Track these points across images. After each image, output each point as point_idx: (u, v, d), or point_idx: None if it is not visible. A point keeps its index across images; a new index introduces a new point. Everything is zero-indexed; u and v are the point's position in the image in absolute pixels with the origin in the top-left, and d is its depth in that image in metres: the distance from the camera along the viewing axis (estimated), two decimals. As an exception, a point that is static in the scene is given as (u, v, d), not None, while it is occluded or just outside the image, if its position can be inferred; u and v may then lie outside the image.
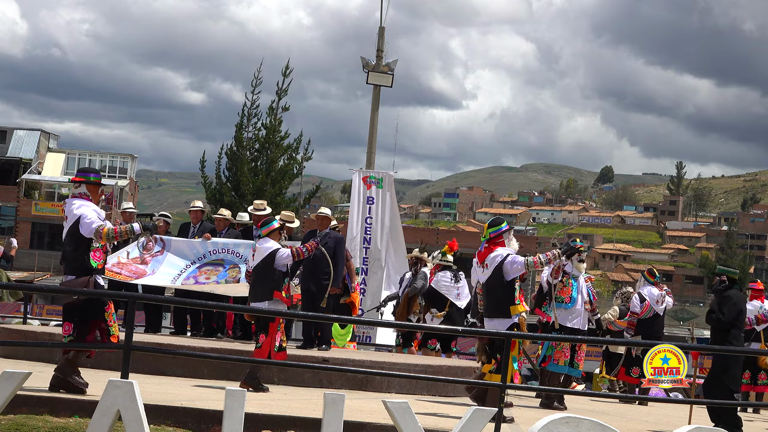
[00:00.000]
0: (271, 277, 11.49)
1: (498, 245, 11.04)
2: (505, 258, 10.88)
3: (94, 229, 9.79)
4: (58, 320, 23.74)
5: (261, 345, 11.31)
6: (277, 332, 11.34)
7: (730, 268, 12.26)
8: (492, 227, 11.18)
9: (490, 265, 10.92)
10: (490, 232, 11.13)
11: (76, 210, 9.91)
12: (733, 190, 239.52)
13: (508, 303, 10.93)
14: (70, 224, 9.92)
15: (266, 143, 37.25)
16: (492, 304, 11.01)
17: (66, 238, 10.01)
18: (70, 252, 9.99)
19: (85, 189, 10.09)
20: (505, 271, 10.88)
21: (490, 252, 10.99)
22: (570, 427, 7.38)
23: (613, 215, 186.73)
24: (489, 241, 11.09)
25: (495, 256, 10.93)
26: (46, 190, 70.81)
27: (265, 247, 11.59)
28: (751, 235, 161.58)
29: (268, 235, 11.68)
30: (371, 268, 18.98)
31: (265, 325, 11.33)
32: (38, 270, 57.90)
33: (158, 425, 8.84)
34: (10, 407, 8.12)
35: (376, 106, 22.79)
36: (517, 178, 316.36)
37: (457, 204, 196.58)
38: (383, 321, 17.30)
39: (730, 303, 11.76)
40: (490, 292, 11.01)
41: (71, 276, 9.98)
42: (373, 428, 9.19)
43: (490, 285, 10.98)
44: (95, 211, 9.93)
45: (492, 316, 10.99)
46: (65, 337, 10.05)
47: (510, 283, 10.93)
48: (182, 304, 14.55)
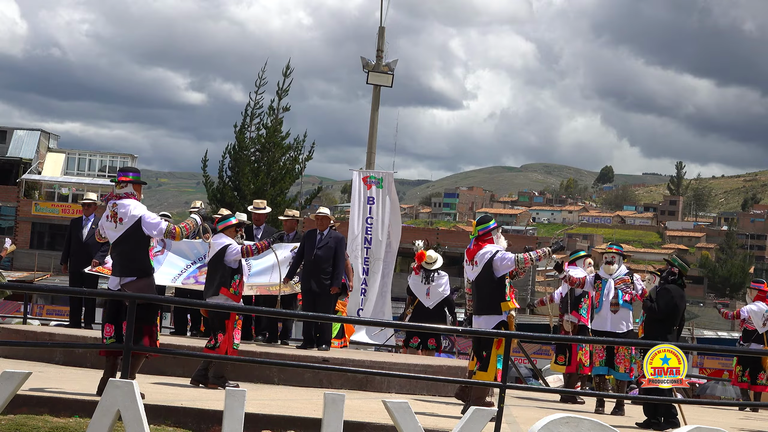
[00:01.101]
0: (221, 272, 11.48)
1: (486, 242, 11.10)
2: (495, 254, 10.94)
3: (164, 229, 9.80)
4: (58, 320, 23.79)
5: (219, 344, 11.28)
6: (234, 329, 11.35)
7: (684, 262, 12.29)
8: (480, 225, 11.24)
9: (480, 262, 10.97)
10: (478, 230, 11.20)
11: (134, 211, 9.87)
12: (733, 190, 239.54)
13: (498, 300, 10.96)
14: (129, 225, 9.83)
15: (267, 143, 37.25)
16: (481, 301, 11.04)
17: (122, 239, 9.89)
18: (129, 253, 9.90)
19: (131, 188, 10.06)
20: (495, 267, 10.93)
21: (479, 249, 11.05)
22: (570, 427, 7.38)
23: (613, 215, 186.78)
24: (477, 239, 11.16)
25: (484, 253, 10.99)
26: (46, 190, 70.79)
27: (217, 242, 11.59)
28: (751, 235, 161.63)
29: (224, 231, 11.67)
30: (371, 268, 18.98)
31: (222, 324, 11.31)
32: (38, 270, 57.88)
33: (158, 425, 8.85)
34: (10, 407, 8.12)
35: (376, 106, 22.79)
36: (517, 178, 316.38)
37: (457, 204, 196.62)
38: (382, 321, 17.32)
39: (668, 297, 11.85)
40: (479, 289, 11.04)
41: (131, 278, 9.91)
42: (373, 428, 9.19)
43: (480, 282, 11.01)
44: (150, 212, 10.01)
45: (480, 313, 11.02)
46: (107, 339, 10.03)
47: (500, 279, 10.97)
48: (182, 304, 14.56)
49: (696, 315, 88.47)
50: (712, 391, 24.67)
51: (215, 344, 11.39)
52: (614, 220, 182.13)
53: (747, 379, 16.38)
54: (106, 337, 10.06)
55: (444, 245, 60.43)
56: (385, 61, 22.45)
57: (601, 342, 13.12)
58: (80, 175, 70.73)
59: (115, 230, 9.95)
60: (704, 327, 55.99)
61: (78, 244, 15.83)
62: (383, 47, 22.63)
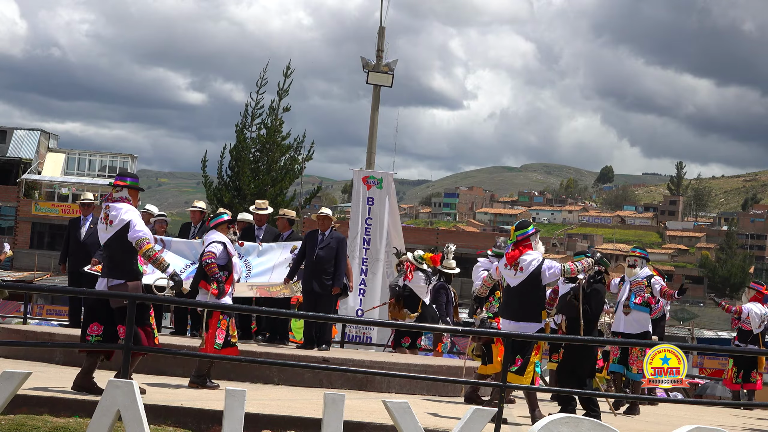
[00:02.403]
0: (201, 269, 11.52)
1: (526, 248, 11.01)
2: (542, 263, 10.91)
3: (138, 238, 9.82)
4: (59, 320, 23.77)
5: (204, 343, 11.29)
6: (218, 328, 11.29)
7: (605, 258, 12.35)
8: (519, 230, 11.12)
9: (526, 269, 10.87)
10: (517, 235, 11.06)
11: (124, 215, 9.91)
12: (733, 190, 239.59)
13: (540, 308, 10.97)
14: (118, 229, 9.89)
15: (267, 143, 37.22)
16: (523, 308, 10.93)
17: (111, 242, 9.95)
18: (117, 256, 9.95)
19: (126, 193, 10.12)
20: (543, 276, 10.91)
21: (520, 255, 10.95)
22: (570, 427, 7.38)
23: (613, 215, 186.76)
24: (516, 244, 11.04)
25: (531, 260, 10.90)
26: (46, 190, 70.78)
27: (207, 239, 11.60)
28: (751, 235, 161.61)
29: (216, 228, 11.65)
30: (371, 269, 18.97)
31: (206, 322, 11.32)
32: (38, 270, 57.89)
33: (158, 425, 8.85)
34: (10, 407, 8.12)
35: (376, 106, 22.79)
36: (517, 178, 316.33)
37: (457, 204, 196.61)
38: (381, 321, 17.31)
39: (599, 297, 11.85)
40: (521, 296, 10.93)
41: (118, 281, 9.95)
42: (373, 428, 9.19)
43: (523, 289, 10.91)
44: (141, 219, 10.00)
45: (522, 319, 10.92)
46: (92, 337, 10.09)
47: (543, 288, 10.99)
48: (183, 304, 14.55)
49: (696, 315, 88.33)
50: (712, 391, 24.64)
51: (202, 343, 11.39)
52: (614, 220, 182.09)
53: (740, 380, 16.44)
54: (91, 335, 10.08)
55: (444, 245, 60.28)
56: (385, 61, 22.45)
57: (601, 342, 13.13)
58: (80, 175, 70.72)
59: (105, 232, 10.04)
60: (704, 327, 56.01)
61: (76, 243, 15.83)
62: (383, 47, 22.63)
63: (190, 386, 11.24)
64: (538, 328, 10.91)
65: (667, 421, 12.51)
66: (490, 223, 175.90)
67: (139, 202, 10.35)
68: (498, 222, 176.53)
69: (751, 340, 16.24)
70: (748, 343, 16.23)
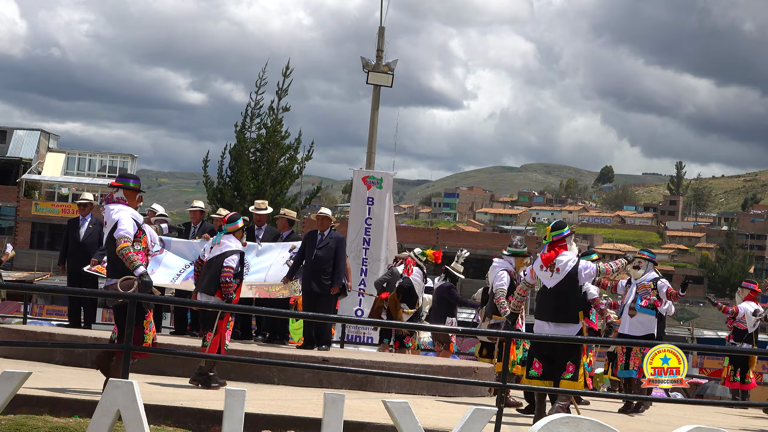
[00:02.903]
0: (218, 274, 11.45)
1: (561, 249, 11.01)
2: (578, 263, 10.92)
3: (119, 236, 9.87)
4: (59, 320, 23.79)
5: (209, 343, 11.26)
6: (227, 330, 11.36)
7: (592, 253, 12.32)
8: (555, 230, 11.09)
9: (563, 270, 10.86)
10: (552, 236, 11.05)
11: (114, 215, 10.00)
12: (733, 190, 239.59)
13: (578, 309, 10.96)
14: (110, 229, 9.99)
15: (267, 143, 37.23)
16: (560, 310, 10.91)
17: (108, 242, 10.08)
18: (113, 256, 10.03)
19: (122, 194, 10.18)
20: (579, 276, 10.91)
21: (555, 256, 10.94)
22: (570, 427, 7.38)
23: (613, 215, 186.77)
24: (551, 245, 11.03)
25: (567, 261, 10.89)
26: (46, 190, 70.77)
27: (225, 244, 11.55)
28: (751, 235, 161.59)
29: (233, 233, 11.66)
30: (371, 269, 18.98)
31: (213, 323, 11.29)
32: (38, 270, 57.91)
33: (158, 425, 8.84)
34: (10, 407, 8.11)
35: (376, 106, 22.81)
36: (517, 178, 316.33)
37: (457, 204, 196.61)
38: (381, 321, 17.30)
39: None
40: (558, 298, 10.91)
41: (114, 280, 10.00)
42: (373, 428, 9.19)
43: (560, 290, 10.89)
44: (133, 218, 10.01)
45: (560, 320, 10.90)
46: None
47: (581, 288, 10.99)
48: (182, 304, 14.56)
49: (696, 315, 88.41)
50: (712, 391, 24.65)
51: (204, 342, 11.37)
52: (614, 220, 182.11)
53: (738, 378, 16.47)
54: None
55: (444, 245, 60.34)
56: (385, 61, 22.48)
57: (599, 342, 13.14)
58: (80, 175, 70.72)
59: (105, 233, 10.16)
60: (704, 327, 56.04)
61: (75, 244, 15.84)
62: (383, 47, 22.66)
63: (191, 383, 11.24)
64: (578, 329, 10.91)
65: (667, 421, 12.52)
66: (490, 223, 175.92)
67: (140, 204, 10.35)
68: (498, 222, 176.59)
69: (745, 339, 16.29)
70: (743, 342, 16.27)
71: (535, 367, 10.92)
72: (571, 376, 10.70)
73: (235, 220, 11.76)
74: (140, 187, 10.30)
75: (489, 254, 70.16)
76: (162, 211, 16.27)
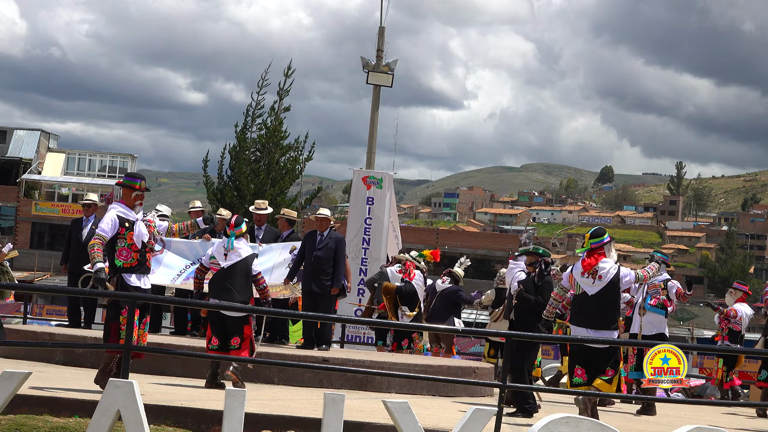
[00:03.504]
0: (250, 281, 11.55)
1: (601, 255, 11.06)
2: (619, 270, 11.00)
3: (95, 233, 10.15)
4: (59, 320, 23.78)
5: (239, 347, 11.28)
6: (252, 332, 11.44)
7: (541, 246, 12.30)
8: (594, 238, 11.13)
9: (605, 277, 10.92)
10: (591, 243, 11.09)
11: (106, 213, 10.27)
12: (733, 190, 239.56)
13: (616, 315, 11.07)
14: None
15: (267, 143, 37.23)
16: (602, 316, 10.97)
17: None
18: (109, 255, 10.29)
19: (121, 192, 10.41)
20: (621, 284, 11.01)
21: (596, 263, 10.98)
22: (570, 427, 7.39)
23: (613, 215, 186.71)
24: (591, 252, 11.07)
25: (609, 269, 10.96)
26: (46, 190, 70.78)
27: (240, 249, 11.56)
28: (751, 235, 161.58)
29: (242, 236, 11.70)
30: (371, 269, 18.97)
31: (240, 328, 11.30)
32: (38, 270, 57.91)
33: (158, 425, 8.85)
34: (10, 407, 8.12)
35: (376, 106, 22.81)
36: (517, 178, 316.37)
37: (457, 204, 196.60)
38: (381, 321, 17.30)
39: (550, 289, 11.91)
40: (599, 304, 10.95)
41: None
42: (373, 428, 9.19)
43: (602, 297, 10.95)
44: (119, 215, 10.16)
45: (600, 327, 10.95)
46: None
47: (620, 295, 11.15)
48: (182, 304, 14.57)
49: (696, 315, 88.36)
50: (712, 391, 24.64)
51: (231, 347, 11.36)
52: (614, 220, 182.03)
53: (730, 378, 16.57)
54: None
55: (444, 245, 60.39)
56: (385, 61, 22.48)
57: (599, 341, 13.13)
58: (80, 175, 70.74)
59: None
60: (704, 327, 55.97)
61: (78, 244, 15.84)
62: (383, 47, 22.66)
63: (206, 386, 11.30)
64: (616, 335, 11.00)
65: (667, 421, 12.52)
66: (490, 223, 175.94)
67: (138, 202, 10.37)
68: (498, 222, 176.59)
69: (739, 340, 16.39)
70: (737, 343, 16.36)
71: (578, 374, 10.98)
72: (607, 378, 10.81)
73: (239, 224, 11.78)
74: (137, 185, 10.32)
75: (489, 254, 70.21)
76: (166, 211, 16.30)
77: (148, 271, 10.39)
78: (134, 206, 10.30)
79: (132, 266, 10.18)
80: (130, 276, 10.18)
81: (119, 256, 10.17)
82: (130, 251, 10.13)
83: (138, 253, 10.19)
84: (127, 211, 10.21)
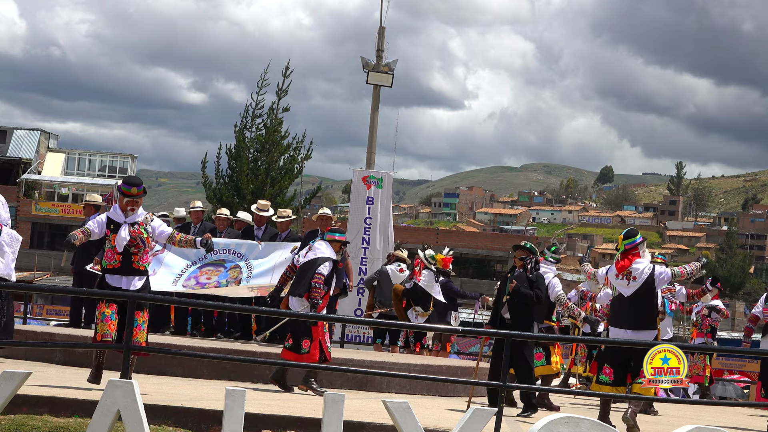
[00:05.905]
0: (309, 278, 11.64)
1: (635, 256, 11.08)
2: (653, 270, 11.01)
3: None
4: (58, 320, 23.79)
5: (309, 350, 11.39)
6: (325, 334, 11.56)
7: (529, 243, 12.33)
8: (627, 239, 11.17)
9: (639, 278, 10.94)
10: (625, 244, 11.12)
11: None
12: (733, 190, 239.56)
13: (655, 315, 11.09)
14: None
15: (266, 143, 37.20)
16: (640, 317, 10.99)
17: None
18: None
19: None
20: (656, 282, 11.02)
21: (630, 264, 11.01)
22: (570, 427, 7.38)
23: (613, 215, 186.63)
24: (624, 253, 11.09)
25: (643, 269, 10.99)
26: (46, 190, 70.76)
27: (319, 249, 11.76)
28: (751, 235, 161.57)
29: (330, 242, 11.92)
30: (370, 268, 18.96)
31: (308, 330, 11.41)
32: (38, 270, 57.88)
33: (158, 425, 8.85)
34: (10, 407, 8.12)
35: (376, 106, 22.80)
36: (517, 178, 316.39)
37: (457, 204, 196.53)
38: (381, 321, 17.30)
39: (543, 282, 11.95)
40: (636, 305, 10.98)
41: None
42: (373, 428, 9.19)
43: (638, 297, 10.97)
44: (100, 219, 10.47)
45: (639, 327, 10.98)
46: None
47: (657, 294, 11.14)
48: (182, 304, 14.55)
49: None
50: (712, 391, 24.67)
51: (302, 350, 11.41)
52: (614, 220, 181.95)
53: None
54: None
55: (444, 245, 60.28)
56: (385, 61, 22.46)
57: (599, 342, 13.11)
58: (80, 175, 70.72)
59: None
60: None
61: (82, 245, 15.82)
62: (383, 47, 22.65)
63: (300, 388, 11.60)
64: (655, 335, 11.01)
65: (667, 421, 12.53)
66: (490, 223, 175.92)
67: (130, 207, 10.46)
68: (498, 222, 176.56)
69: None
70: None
71: (606, 373, 10.99)
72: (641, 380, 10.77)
73: (336, 231, 12.11)
74: (127, 191, 10.42)
75: (489, 254, 70.15)
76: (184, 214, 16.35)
77: (137, 272, 10.42)
78: (126, 210, 10.43)
79: (115, 267, 10.36)
80: (111, 277, 10.37)
81: (105, 257, 10.44)
82: (113, 253, 10.34)
83: (121, 255, 10.33)
84: (117, 214, 10.42)
